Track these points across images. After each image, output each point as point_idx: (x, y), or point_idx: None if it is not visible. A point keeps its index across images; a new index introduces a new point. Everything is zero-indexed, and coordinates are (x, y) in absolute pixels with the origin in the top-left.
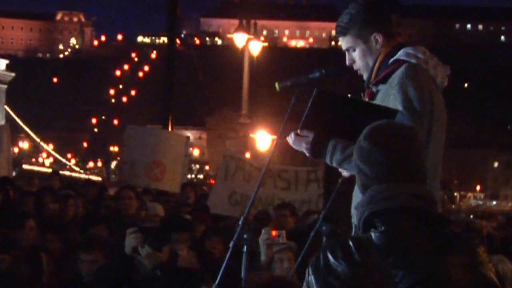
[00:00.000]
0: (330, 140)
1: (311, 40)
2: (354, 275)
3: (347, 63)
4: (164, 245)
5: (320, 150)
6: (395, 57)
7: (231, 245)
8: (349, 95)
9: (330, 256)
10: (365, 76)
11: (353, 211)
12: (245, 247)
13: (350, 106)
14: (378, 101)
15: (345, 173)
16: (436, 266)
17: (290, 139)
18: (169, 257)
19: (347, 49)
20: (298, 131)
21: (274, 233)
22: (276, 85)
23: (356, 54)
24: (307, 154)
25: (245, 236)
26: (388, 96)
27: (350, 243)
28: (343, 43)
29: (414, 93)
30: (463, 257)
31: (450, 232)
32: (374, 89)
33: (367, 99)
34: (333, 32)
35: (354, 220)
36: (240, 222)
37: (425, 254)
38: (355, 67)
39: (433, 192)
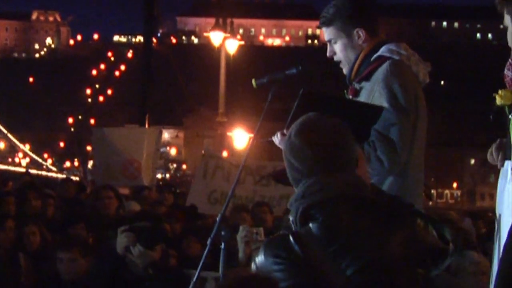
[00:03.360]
0: None
1: (287, 38)
2: (297, 270)
3: (328, 54)
4: (157, 244)
5: None
6: (377, 54)
7: (208, 242)
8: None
9: (273, 252)
10: (345, 70)
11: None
12: (222, 244)
13: (336, 105)
14: (362, 98)
15: None
16: (378, 248)
17: (276, 138)
18: (161, 256)
19: (329, 41)
20: (284, 131)
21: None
22: (253, 82)
23: (337, 47)
24: None
25: (222, 233)
26: (373, 93)
27: (291, 238)
28: (326, 33)
29: (399, 89)
30: (403, 233)
31: (387, 212)
32: (357, 86)
33: (350, 96)
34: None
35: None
36: (217, 219)
37: (366, 237)
38: (336, 58)
39: (419, 187)
